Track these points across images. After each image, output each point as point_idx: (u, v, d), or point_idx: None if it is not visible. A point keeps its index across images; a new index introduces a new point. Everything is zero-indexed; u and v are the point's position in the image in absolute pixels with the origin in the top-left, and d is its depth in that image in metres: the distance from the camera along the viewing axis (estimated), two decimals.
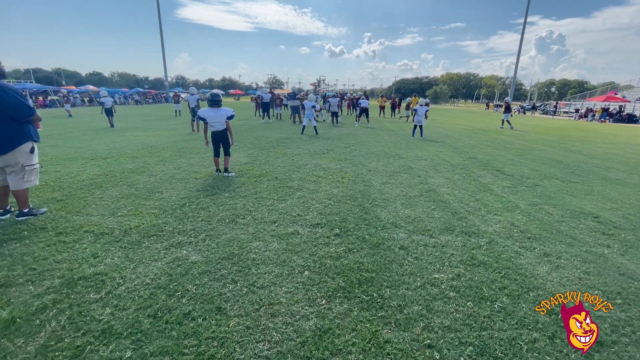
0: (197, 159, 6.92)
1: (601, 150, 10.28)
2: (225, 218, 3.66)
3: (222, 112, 5.21)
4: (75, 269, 2.55)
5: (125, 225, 3.38)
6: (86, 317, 2.03)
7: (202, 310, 2.11)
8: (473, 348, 1.86)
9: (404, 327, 2.01)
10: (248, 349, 1.80)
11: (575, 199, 4.79)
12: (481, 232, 3.47)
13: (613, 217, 4.09)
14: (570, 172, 6.72)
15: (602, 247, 3.24)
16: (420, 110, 11.37)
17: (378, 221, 3.69)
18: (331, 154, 7.77)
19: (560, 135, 14.47)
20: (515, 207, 4.34)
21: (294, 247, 3.01)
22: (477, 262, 2.85)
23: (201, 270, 2.58)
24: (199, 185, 4.89)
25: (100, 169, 5.82)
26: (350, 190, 4.85)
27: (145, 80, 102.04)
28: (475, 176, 6.00)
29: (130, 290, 2.31)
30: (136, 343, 1.82)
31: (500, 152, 9.05)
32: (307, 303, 2.23)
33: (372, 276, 2.57)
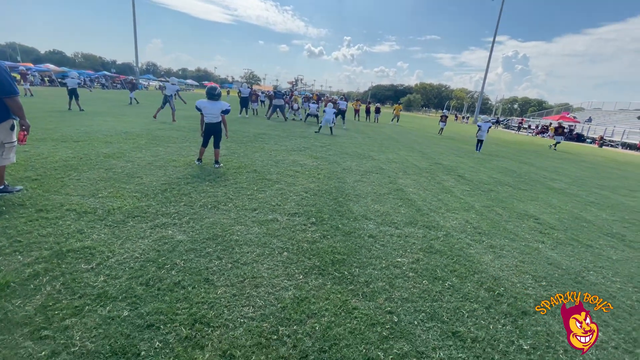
0: (175, 147, 6.93)
1: (550, 163, 11.42)
2: (207, 204, 3.84)
3: (219, 106, 5.34)
4: (62, 243, 2.65)
5: (107, 206, 3.47)
6: (80, 283, 2.18)
7: (191, 280, 2.33)
8: (425, 314, 2.25)
9: (370, 298, 2.36)
10: (235, 312, 2.06)
11: (522, 204, 5.45)
12: (440, 227, 3.93)
13: (550, 220, 4.74)
14: (521, 180, 7.50)
15: (538, 243, 3.81)
16: (484, 127, 12.14)
17: (350, 213, 4.04)
18: (308, 152, 8.07)
19: (517, 149, 15.78)
20: (470, 207, 4.89)
21: (274, 232, 3.28)
22: (434, 250, 3.28)
23: (187, 248, 2.78)
24: (179, 173, 4.99)
25: (73, 152, 5.71)
26: (325, 185, 5.18)
27: (112, 63, 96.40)
28: (439, 179, 6.56)
29: (120, 262, 2.47)
30: (132, 305, 2.02)
31: (464, 160, 9.82)
32: (286, 277, 2.51)
33: (344, 258, 2.90)
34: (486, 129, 12.20)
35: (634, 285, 3.06)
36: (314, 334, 1.95)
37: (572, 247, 3.80)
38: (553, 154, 15.09)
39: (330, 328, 2.01)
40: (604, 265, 3.42)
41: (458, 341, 2.03)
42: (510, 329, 2.20)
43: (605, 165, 13.41)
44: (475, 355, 1.93)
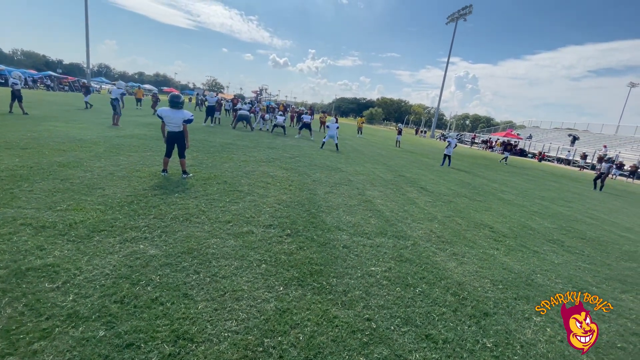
0: (137, 157, 6.61)
1: (499, 176, 12.50)
2: (178, 217, 3.73)
3: (180, 115, 5.21)
4: (20, 260, 2.45)
5: (68, 220, 3.24)
6: (46, 303, 2.04)
7: (169, 296, 2.27)
8: (400, 319, 2.40)
9: (348, 306, 2.47)
10: (218, 326, 2.05)
11: (478, 214, 5.93)
12: (408, 236, 4.18)
13: (502, 228, 5.22)
14: (476, 192, 8.15)
15: (493, 250, 4.19)
16: (453, 143, 12.84)
17: (324, 224, 4.15)
18: (277, 163, 8.10)
19: (471, 162, 17.05)
20: (434, 217, 5.23)
21: (250, 244, 3.29)
22: (404, 258, 3.48)
23: (162, 263, 2.70)
24: (145, 184, 4.79)
25: (21, 160, 5.23)
26: (297, 197, 5.25)
27: (58, 63, 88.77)
28: (403, 191, 6.92)
29: (89, 280, 2.34)
30: (107, 324, 1.93)
31: (424, 172, 10.43)
32: (266, 290, 2.54)
33: (321, 268, 2.99)
34: (454, 144, 13.09)
35: (572, 285, 3.48)
36: (298, 344, 2.00)
37: (522, 253, 4.23)
38: (502, 167, 16.53)
39: (313, 337, 2.08)
40: (548, 268, 3.85)
41: (431, 343, 2.19)
42: (475, 330, 2.42)
43: (545, 178, 14.95)
44: (446, 355, 2.11)
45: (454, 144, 13.06)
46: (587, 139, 34.31)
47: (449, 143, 12.96)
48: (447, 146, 12.94)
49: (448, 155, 12.88)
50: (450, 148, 12.82)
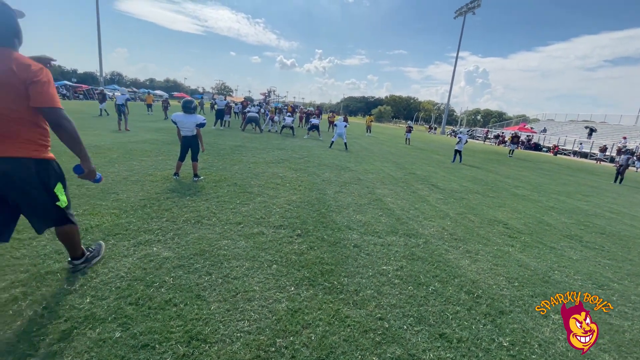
0: (150, 161, 6.74)
1: (513, 172, 12.24)
2: (190, 219, 3.78)
3: (193, 119, 5.29)
4: (39, 264, 2.53)
5: (84, 224, 3.33)
6: (65, 306, 2.09)
7: (182, 297, 2.31)
8: (413, 318, 2.37)
9: (360, 306, 2.45)
10: (231, 326, 2.07)
11: (491, 210, 5.82)
12: (419, 234, 4.12)
13: (517, 224, 5.10)
14: (488, 188, 8.00)
15: (508, 247, 4.10)
16: (464, 139, 12.74)
17: (334, 224, 4.14)
18: (286, 164, 8.13)
19: (484, 158, 16.75)
20: (445, 215, 5.16)
21: (261, 245, 3.30)
22: (416, 257, 3.44)
23: (175, 265, 2.74)
24: (157, 188, 4.87)
25: None
26: (307, 197, 5.26)
27: (73, 73, 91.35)
28: (414, 189, 6.85)
29: (105, 282, 2.40)
30: (123, 326, 1.97)
31: (435, 169, 10.30)
32: (278, 290, 2.55)
33: (332, 268, 2.98)
34: (465, 140, 12.90)
35: (592, 282, 3.38)
36: (310, 344, 2.00)
37: (538, 250, 4.13)
38: (515, 162, 16.18)
39: (325, 337, 2.07)
40: (566, 265, 3.75)
41: (445, 342, 2.16)
42: (491, 328, 2.37)
43: (561, 172, 14.57)
44: (461, 354, 2.07)
45: (465, 140, 12.87)
46: (605, 131, 33.26)
47: (459, 139, 12.77)
48: (458, 142, 12.75)
49: (459, 151, 12.69)
50: (461, 144, 12.64)
